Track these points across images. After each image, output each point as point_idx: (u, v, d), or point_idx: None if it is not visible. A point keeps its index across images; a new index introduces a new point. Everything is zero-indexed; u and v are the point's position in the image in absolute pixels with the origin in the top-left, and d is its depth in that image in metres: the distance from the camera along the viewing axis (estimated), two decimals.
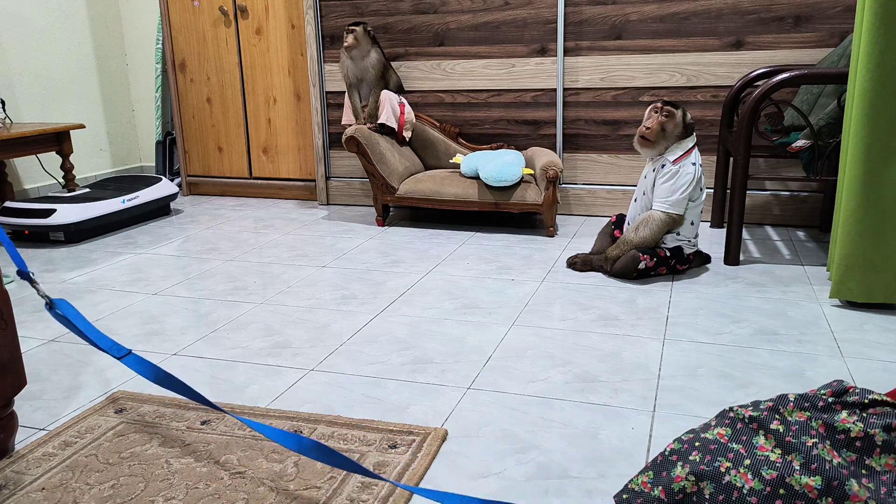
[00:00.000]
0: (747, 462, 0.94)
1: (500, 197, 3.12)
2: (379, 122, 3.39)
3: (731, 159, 3.00)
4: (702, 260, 2.63)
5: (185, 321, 2.23)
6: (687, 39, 3.18)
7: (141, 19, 4.52)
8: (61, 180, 4.02)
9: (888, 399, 0.97)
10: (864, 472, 0.91)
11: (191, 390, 1.40)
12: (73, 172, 3.75)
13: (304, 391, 1.75)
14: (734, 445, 0.98)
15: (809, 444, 0.94)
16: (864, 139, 2.05)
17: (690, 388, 1.71)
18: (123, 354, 1.44)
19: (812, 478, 0.90)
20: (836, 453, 0.92)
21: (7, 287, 2.49)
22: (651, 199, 2.54)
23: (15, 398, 1.54)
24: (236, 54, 4.01)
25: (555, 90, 3.42)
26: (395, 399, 1.69)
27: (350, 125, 3.47)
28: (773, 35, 3.07)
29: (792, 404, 1.01)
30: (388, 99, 3.40)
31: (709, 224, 3.28)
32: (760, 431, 0.99)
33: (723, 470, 0.95)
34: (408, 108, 3.49)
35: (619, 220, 2.74)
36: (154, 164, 4.68)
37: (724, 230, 2.98)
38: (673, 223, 2.49)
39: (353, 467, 1.23)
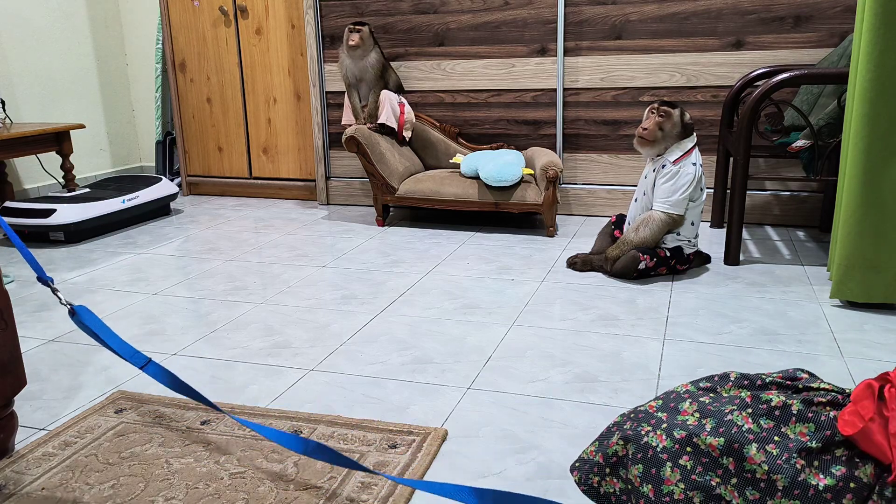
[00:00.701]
0: (664, 426, 1.05)
1: (500, 197, 3.12)
2: (379, 122, 3.39)
3: (731, 159, 3.00)
4: (702, 260, 2.63)
5: (185, 321, 2.23)
6: (687, 39, 3.18)
7: (141, 19, 4.52)
8: (61, 180, 4.02)
9: (829, 386, 1.03)
10: (777, 438, 0.98)
11: (207, 400, 1.41)
12: (73, 172, 3.75)
13: (304, 391, 1.75)
14: (659, 414, 1.09)
15: (727, 410, 1.04)
16: (864, 139, 2.05)
17: None
18: (144, 363, 1.45)
19: (716, 438, 1.00)
20: (750, 420, 1.01)
21: (7, 287, 2.49)
22: (651, 200, 2.54)
23: (15, 398, 1.54)
24: (236, 54, 4.01)
25: (555, 90, 3.42)
26: (395, 399, 1.69)
27: (350, 125, 3.47)
28: (773, 35, 3.07)
29: (731, 383, 1.10)
30: (388, 99, 3.40)
31: (709, 224, 3.28)
32: (688, 399, 1.10)
33: (643, 433, 1.06)
34: (408, 108, 3.49)
35: (619, 220, 2.74)
36: (154, 164, 4.68)
37: (724, 230, 2.98)
38: (673, 223, 2.49)
39: (356, 466, 1.23)
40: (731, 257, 2.64)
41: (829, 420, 0.98)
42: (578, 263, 2.63)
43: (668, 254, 2.50)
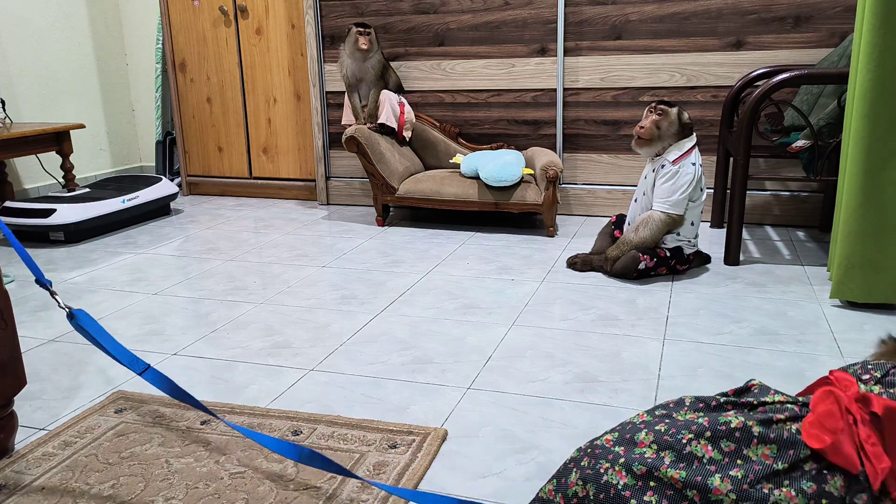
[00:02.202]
0: (622, 461, 1.01)
1: (500, 197, 3.12)
2: (379, 122, 3.39)
3: (731, 159, 3.00)
4: (702, 260, 2.63)
5: (185, 321, 2.23)
6: (687, 39, 3.18)
7: (141, 19, 4.52)
8: (61, 180, 4.02)
9: (783, 398, 1.01)
10: (739, 461, 0.96)
11: (205, 408, 1.41)
12: (73, 172, 3.75)
13: (304, 391, 1.75)
14: (616, 448, 1.04)
15: (684, 440, 1.01)
16: (865, 139, 2.05)
17: (690, 388, 1.71)
18: (143, 370, 1.45)
19: (677, 471, 0.97)
20: (710, 448, 0.98)
21: (7, 287, 2.49)
22: (651, 200, 2.54)
23: (15, 398, 1.54)
24: (236, 54, 4.01)
25: (555, 90, 3.42)
26: (395, 399, 1.69)
27: (350, 125, 3.47)
28: (773, 35, 3.07)
29: (686, 408, 1.07)
30: (388, 99, 3.40)
31: (709, 224, 3.28)
32: (643, 429, 1.06)
33: (602, 471, 1.02)
34: (408, 108, 3.49)
35: (619, 221, 2.74)
36: (154, 163, 4.68)
37: (724, 230, 2.98)
38: (673, 223, 2.49)
39: (346, 473, 1.23)
40: (731, 257, 2.64)
41: (791, 436, 0.96)
42: (578, 263, 2.63)
43: (667, 254, 2.50)
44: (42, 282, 1.43)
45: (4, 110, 3.59)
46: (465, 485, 1.36)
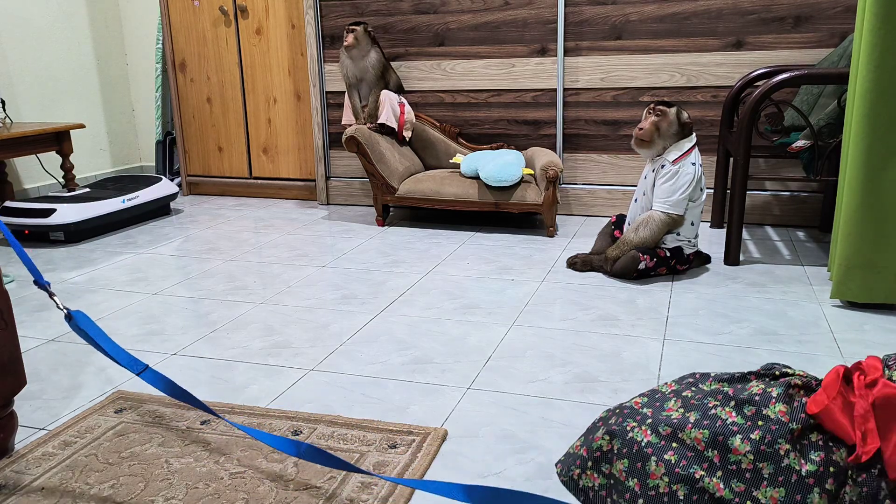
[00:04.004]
0: (649, 421, 1.07)
1: (500, 197, 3.12)
2: (379, 122, 3.39)
3: (731, 159, 3.00)
4: (702, 260, 2.63)
5: (185, 321, 2.23)
6: (687, 39, 3.18)
7: (141, 19, 4.52)
8: (61, 180, 4.02)
9: (802, 373, 1.07)
10: (760, 422, 1.00)
11: (205, 406, 1.41)
12: (73, 172, 3.75)
13: (304, 391, 1.75)
14: (644, 410, 1.11)
15: (710, 405, 1.06)
16: (865, 139, 2.05)
17: None
18: (141, 370, 1.45)
19: (701, 431, 1.02)
20: (733, 413, 1.03)
21: (7, 287, 2.49)
22: (651, 200, 2.54)
23: (15, 398, 1.54)
24: (236, 54, 4.01)
25: (555, 90, 3.42)
26: (395, 399, 1.69)
27: (350, 125, 3.47)
28: (773, 35, 3.07)
29: (711, 379, 1.13)
30: (388, 99, 3.40)
31: (709, 224, 3.28)
32: (672, 398, 1.11)
33: (629, 428, 1.08)
34: (408, 108, 3.49)
35: (619, 221, 2.74)
36: (154, 163, 4.67)
37: (724, 230, 2.98)
38: (673, 223, 2.49)
39: (351, 468, 1.23)
40: (731, 257, 2.64)
41: (801, 405, 1.01)
42: (578, 263, 2.63)
43: (667, 254, 2.50)
44: (40, 283, 1.43)
45: (4, 110, 3.59)
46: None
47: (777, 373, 1.07)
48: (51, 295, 1.42)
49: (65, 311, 1.42)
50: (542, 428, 1.55)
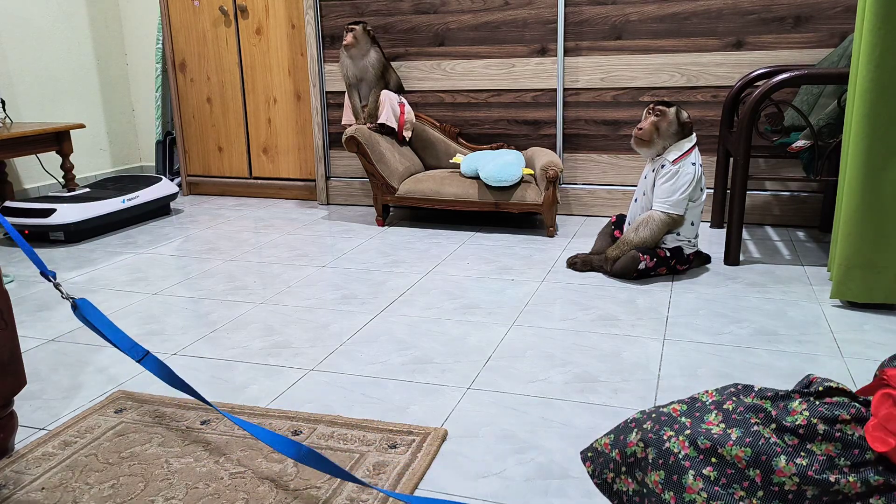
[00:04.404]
0: (688, 432, 1.03)
1: (500, 197, 3.12)
2: (379, 121, 3.39)
3: (731, 159, 3.00)
4: (702, 260, 2.63)
5: (185, 321, 2.23)
6: (687, 39, 3.18)
7: (141, 19, 4.52)
8: (61, 180, 4.02)
9: (844, 388, 1.01)
10: (803, 453, 0.96)
11: (201, 397, 1.41)
12: (73, 172, 3.75)
13: (304, 391, 1.75)
14: (683, 419, 1.06)
15: (753, 421, 1.01)
16: (865, 139, 2.05)
17: (690, 388, 1.71)
18: (142, 356, 1.45)
19: (743, 449, 0.97)
20: (775, 436, 0.98)
21: (7, 287, 2.49)
22: (651, 200, 2.54)
23: (15, 398, 1.54)
24: (236, 54, 4.01)
25: (555, 90, 3.42)
26: (395, 399, 1.69)
27: (350, 125, 3.46)
28: (774, 35, 3.07)
29: (754, 394, 1.08)
30: (388, 99, 3.40)
31: (709, 224, 3.28)
32: (714, 410, 1.07)
33: (665, 438, 1.03)
34: (408, 108, 3.49)
35: (619, 221, 2.74)
36: (154, 163, 4.67)
37: (724, 230, 2.98)
38: (673, 223, 2.49)
39: (345, 476, 1.23)
40: (731, 257, 2.64)
41: (856, 440, 0.96)
42: (578, 263, 2.63)
43: (667, 254, 2.50)
44: (46, 273, 1.44)
45: (4, 110, 3.59)
46: (465, 485, 1.36)
47: (820, 388, 1.01)
48: (56, 285, 1.43)
49: (70, 300, 1.42)
50: (542, 428, 1.55)
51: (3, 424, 1.47)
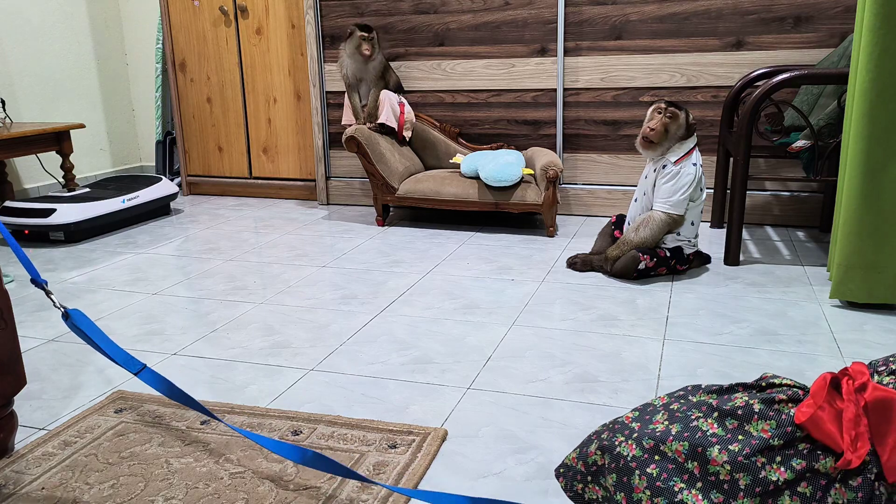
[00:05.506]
0: (635, 435, 1.09)
1: (500, 197, 3.12)
2: (379, 121, 3.39)
3: (731, 159, 3.00)
4: (702, 260, 2.63)
5: (185, 321, 2.23)
6: (687, 40, 3.18)
7: (141, 19, 4.52)
8: (61, 180, 4.02)
9: (791, 382, 1.06)
10: (740, 437, 1.01)
11: (203, 408, 1.41)
12: (73, 172, 3.75)
13: (304, 391, 1.75)
14: (633, 424, 1.12)
15: (693, 416, 1.07)
16: (865, 139, 2.05)
17: None
18: (139, 370, 1.44)
19: (681, 443, 1.03)
20: (715, 425, 1.04)
21: (7, 287, 2.49)
22: (651, 200, 2.54)
23: (15, 398, 1.54)
24: (236, 54, 4.01)
25: (555, 90, 3.42)
26: (395, 399, 1.69)
27: (350, 125, 3.46)
28: (774, 35, 3.07)
29: (701, 391, 1.13)
30: (388, 99, 3.40)
31: (709, 224, 3.28)
32: (661, 411, 1.13)
33: (617, 443, 1.09)
34: (407, 108, 3.49)
35: (619, 221, 2.74)
36: (154, 163, 4.68)
37: (724, 230, 2.98)
38: (673, 223, 2.49)
39: (350, 474, 1.23)
40: (731, 257, 2.64)
41: (789, 418, 1.00)
42: (578, 263, 2.63)
43: (668, 254, 2.50)
44: (37, 281, 1.42)
45: (4, 110, 3.59)
46: (465, 485, 1.36)
47: (764, 384, 1.07)
48: (48, 293, 1.42)
49: (62, 309, 1.42)
50: (542, 428, 1.55)
51: (3, 424, 1.47)
